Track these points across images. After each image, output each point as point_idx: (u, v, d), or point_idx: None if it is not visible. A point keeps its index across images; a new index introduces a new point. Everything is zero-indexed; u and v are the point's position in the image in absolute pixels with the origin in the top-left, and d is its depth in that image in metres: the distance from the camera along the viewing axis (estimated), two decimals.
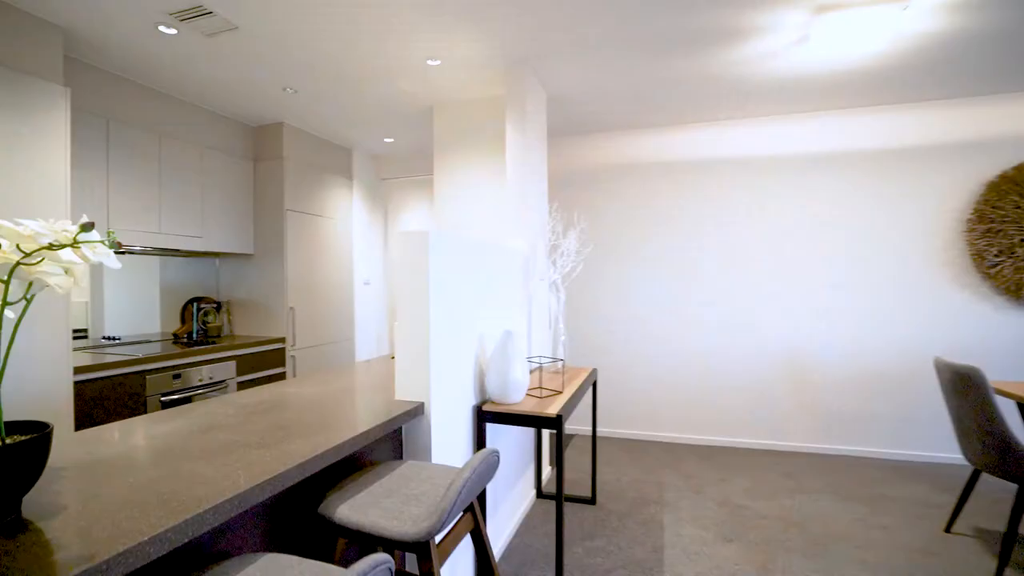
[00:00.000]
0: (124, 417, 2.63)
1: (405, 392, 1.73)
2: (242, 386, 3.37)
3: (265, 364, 3.56)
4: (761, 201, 3.92)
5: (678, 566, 2.32)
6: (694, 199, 4.06)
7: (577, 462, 3.70)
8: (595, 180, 4.30)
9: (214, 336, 3.69)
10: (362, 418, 1.51)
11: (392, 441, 1.74)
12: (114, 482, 1.03)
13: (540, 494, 3.11)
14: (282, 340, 3.70)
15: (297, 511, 1.33)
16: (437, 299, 1.76)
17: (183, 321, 3.68)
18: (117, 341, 3.20)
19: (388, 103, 3.51)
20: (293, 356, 3.82)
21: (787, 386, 3.86)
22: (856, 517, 2.79)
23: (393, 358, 2.76)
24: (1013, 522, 2.17)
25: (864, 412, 3.72)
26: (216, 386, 3.17)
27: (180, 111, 3.35)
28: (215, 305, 3.80)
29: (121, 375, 2.61)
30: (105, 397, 2.54)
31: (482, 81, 3.17)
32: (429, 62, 2.86)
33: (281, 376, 3.72)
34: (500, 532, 2.49)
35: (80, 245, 0.78)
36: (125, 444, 1.27)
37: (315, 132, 4.13)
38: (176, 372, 2.91)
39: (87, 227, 0.78)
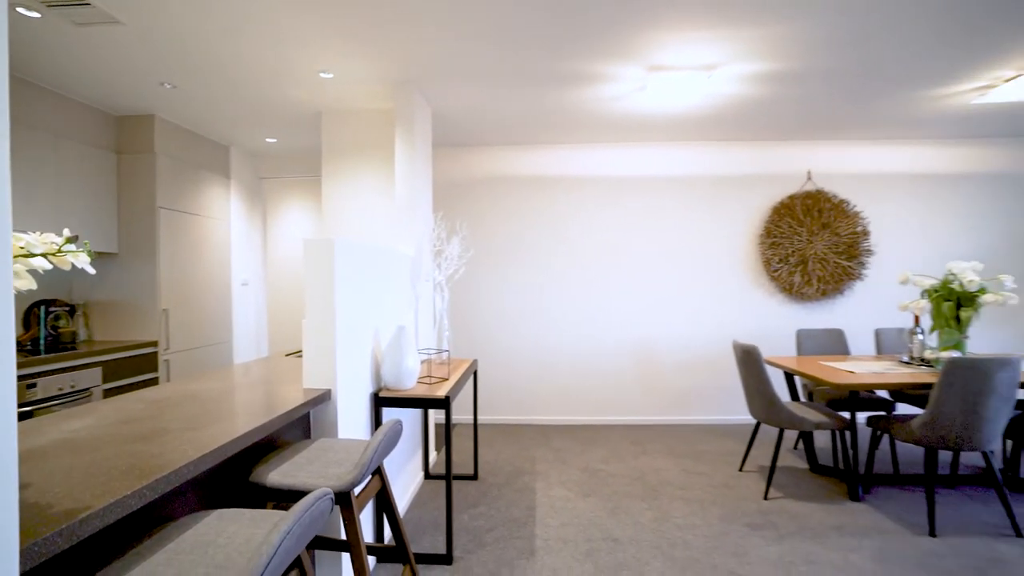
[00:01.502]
0: None
1: (313, 380, 1.95)
2: (109, 393, 3.18)
3: (136, 370, 3.38)
4: (614, 214, 4.64)
5: (547, 519, 2.81)
6: (560, 210, 4.66)
7: (461, 446, 4.07)
8: (475, 190, 4.71)
9: (68, 342, 3.40)
10: (276, 404, 1.71)
11: (301, 425, 1.94)
12: (64, 464, 1.16)
13: (428, 475, 3.42)
14: (154, 344, 3.53)
15: (226, 484, 1.51)
16: (341, 298, 2.01)
17: (27, 327, 3.33)
18: None
19: (275, 106, 3.54)
20: (167, 360, 3.65)
21: (635, 371, 4.64)
22: (683, 468, 3.54)
23: (287, 355, 2.88)
24: (775, 456, 3.01)
25: (693, 388, 4.62)
26: (80, 395, 2.97)
27: (27, 94, 3.05)
28: (67, 308, 3.49)
29: None
30: None
31: (373, 95, 3.39)
32: (322, 74, 3.02)
33: (154, 382, 3.54)
34: None
35: (65, 254, 0.94)
36: (47, 437, 1.35)
37: (190, 127, 3.96)
38: (31, 382, 2.70)
39: (72, 239, 0.95)
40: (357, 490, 1.83)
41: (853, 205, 4.54)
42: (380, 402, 2.34)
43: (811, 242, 4.48)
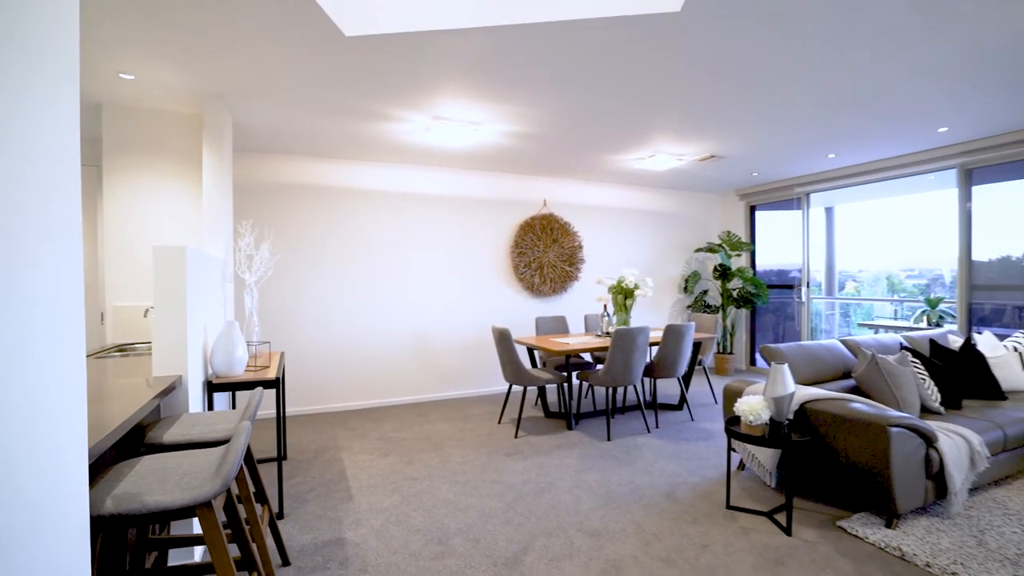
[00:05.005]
0: None
1: (165, 369, 2.23)
2: None
3: None
4: (404, 223, 5.43)
5: (357, 476, 3.45)
6: (359, 219, 5.23)
7: (266, 435, 4.31)
8: (281, 197, 4.90)
9: None
10: (140, 389, 2.00)
11: (155, 410, 2.21)
12: None
13: None
14: None
15: (122, 453, 1.79)
16: (189, 297, 2.33)
17: None
18: None
19: None
20: None
21: (417, 357, 5.52)
22: (457, 427, 4.56)
23: (89, 356, 2.84)
24: (521, 409, 4.26)
25: (463, 367, 5.73)
26: None
27: None
28: None
29: None
30: None
31: (174, 99, 3.43)
32: (122, 75, 3.01)
33: None
34: None
35: None
36: None
37: None
38: None
39: None
40: None
41: (573, 226, 6.30)
42: (213, 388, 2.66)
43: (546, 252, 6.07)
